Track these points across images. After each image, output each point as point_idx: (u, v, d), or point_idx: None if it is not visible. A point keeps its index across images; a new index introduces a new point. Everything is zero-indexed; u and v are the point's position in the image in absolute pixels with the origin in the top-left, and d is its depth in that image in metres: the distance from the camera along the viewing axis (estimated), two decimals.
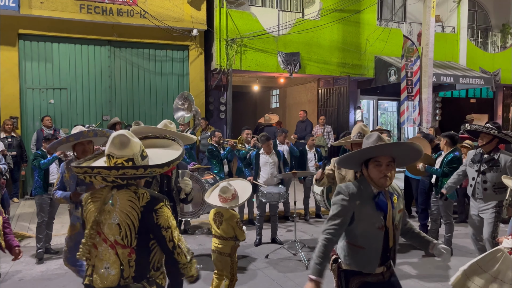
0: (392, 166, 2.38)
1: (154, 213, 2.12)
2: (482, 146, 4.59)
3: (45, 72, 9.60)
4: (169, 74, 10.68)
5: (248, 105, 18.75)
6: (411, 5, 13.18)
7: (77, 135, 3.81)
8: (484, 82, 12.32)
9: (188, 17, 10.29)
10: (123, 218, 2.11)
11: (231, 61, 10.67)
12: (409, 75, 11.05)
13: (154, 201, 2.14)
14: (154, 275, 2.19)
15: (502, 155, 4.50)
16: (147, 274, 2.15)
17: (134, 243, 2.11)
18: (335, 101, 12.19)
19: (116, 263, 2.11)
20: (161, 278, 2.24)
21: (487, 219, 4.61)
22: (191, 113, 8.28)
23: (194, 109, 8.30)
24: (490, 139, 4.52)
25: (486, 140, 4.53)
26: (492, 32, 15.16)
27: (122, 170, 2.07)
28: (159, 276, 2.22)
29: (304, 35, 11.27)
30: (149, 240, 2.15)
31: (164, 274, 2.26)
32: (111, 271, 2.12)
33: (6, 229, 3.14)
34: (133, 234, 2.10)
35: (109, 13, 9.63)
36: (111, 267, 2.12)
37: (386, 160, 2.37)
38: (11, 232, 3.24)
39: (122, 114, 10.10)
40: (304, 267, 5.32)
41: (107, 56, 10.07)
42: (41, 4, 9.10)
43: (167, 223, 2.14)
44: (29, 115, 9.46)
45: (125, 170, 2.07)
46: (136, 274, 2.12)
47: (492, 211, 4.57)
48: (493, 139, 4.52)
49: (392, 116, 14.63)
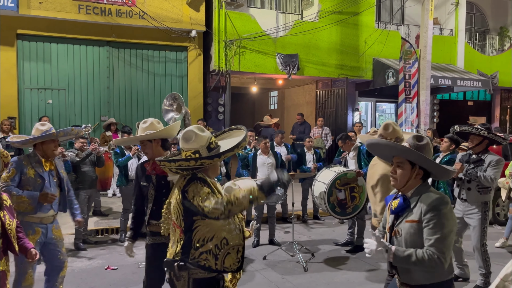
0: (401, 168, 2.33)
1: (186, 193, 2.39)
2: (472, 148, 4.61)
3: (44, 73, 9.59)
4: (167, 75, 10.68)
5: (247, 106, 18.77)
6: (410, 8, 13.23)
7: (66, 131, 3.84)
8: (481, 85, 12.36)
9: (186, 18, 10.30)
10: (175, 202, 2.46)
11: (229, 63, 10.68)
12: (407, 77, 11.08)
13: (186, 184, 2.41)
14: (194, 254, 2.39)
15: (489, 155, 4.52)
16: (189, 254, 2.41)
17: (182, 224, 2.42)
18: (333, 103, 12.21)
19: (175, 240, 2.50)
20: (203, 259, 2.40)
21: (474, 225, 4.56)
22: (181, 114, 8.27)
23: (184, 110, 8.29)
24: (480, 141, 4.54)
25: (476, 142, 4.56)
26: (490, 35, 15.22)
27: (178, 162, 2.42)
28: (200, 257, 2.39)
29: (302, 37, 11.29)
30: (192, 222, 2.40)
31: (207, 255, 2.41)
32: (173, 246, 2.51)
33: (19, 233, 3.11)
34: (181, 216, 2.42)
35: (108, 14, 9.63)
36: (173, 243, 2.52)
37: (396, 160, 2.37)
38: (24, 235, 3.14)
39: (120, 115, 10.10)
40: (302, 269, 5.32)
41: (106, 57, 10.06)
42: (40, 4, 9.09)
43: (192, 193, 2.37)
44: (27, 115, 9.44)
45: (180, 162, 2.42)
46: (182, 251, 2.41)
47: (478, 215, 4.52)
48: (483, 141, 4.54)
49: (390, 118, 14.67)
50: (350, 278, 5.07)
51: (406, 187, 2.33)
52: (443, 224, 2.16)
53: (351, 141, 6.44)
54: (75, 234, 6.12)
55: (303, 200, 7.79)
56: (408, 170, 2.32)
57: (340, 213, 5.83)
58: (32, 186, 3.63)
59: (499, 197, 7.09)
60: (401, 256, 2.14)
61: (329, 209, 5.76)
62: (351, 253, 5.98)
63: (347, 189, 5.80)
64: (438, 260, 2.12)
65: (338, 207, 5.78)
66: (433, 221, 2.16)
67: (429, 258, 2.11)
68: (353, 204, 5.81)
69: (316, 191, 6.03)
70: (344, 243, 6.31)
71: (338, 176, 5.77)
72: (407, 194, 2.33)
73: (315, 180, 6.16)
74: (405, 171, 2.32)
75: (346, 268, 5.41)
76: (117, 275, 5.19)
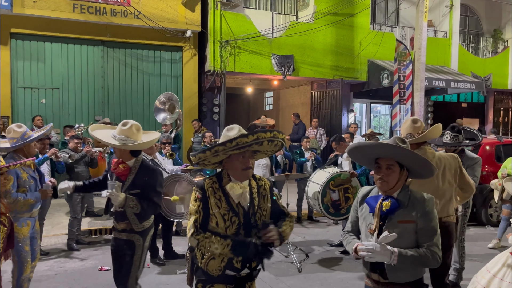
0: (392, 170, 2.32)
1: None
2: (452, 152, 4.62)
3: (37, 72, 9.53)
4: (162, 75, 10.65)
5: (242, 107, 18.76)
6: (404, 10, 13.29)
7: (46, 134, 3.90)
8: (475, 87, 12.45)
9: (182, 18, 10.28)
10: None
11: (224, 63, 10.67)
12: (402, 79, 11.13)
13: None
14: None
15: (466, 154, 4.55)
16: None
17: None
18: (328, 104, 12.24)
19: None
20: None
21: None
22: (174, 114, 8.25)
23: (177, 111, 8.27)
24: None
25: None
26: (484, 38, 15.33)
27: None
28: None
29: (298, 38, 11.30)
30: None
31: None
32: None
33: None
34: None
35: (103, 13, 9.59)
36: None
37: (385, 162, 2.34)
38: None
39: (114, 115, 10.05)
40: (296, 269, 5.32)
41: (100, 57, 10.02)
42: (34, 3, 9.04)
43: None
44: (20, 115, 9.37)
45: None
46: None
47: (459, 212, 4.55)
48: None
49: (385, 119, 14.72)
50: (344, 279, 5.08)
51: (394, 188, 2.36)
52: (437, 224, 2.31)
53: (345, 142, 6.46)
54: (68, 234, 6.09)
55: (298, 200, 7.80)
56: (397, 172, 2.34)
57: (334, 214, 5.84)
58: (27, 187, 3.72)
59: (492, 198, 7.14)
60: (405, 256, 2.20)
61: (323, 210, 5.77)
62: (345, 254, 5.99)
63: (341, 190, 5.82)
64: (438, 258, 2.26)
65: (332, 208, 5.80)
66: (430, 222, 2.29)
67: (432, 256, 2.24)
68: (347, 205, 5.83)
69: (310, 191, 6.04)
70: (338, 244, 6.32)
71: (332, 176, 5.78)
72: (394, 195, 2.36)
73: (309, 180, 6.17)
74: (396, 173, 2.34)
75: (340, 269, 5.42)
76: (110, 275, 5.11)
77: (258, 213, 2.38)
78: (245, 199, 2.34)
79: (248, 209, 2.36)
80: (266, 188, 2.49)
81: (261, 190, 2.46)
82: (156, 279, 5.03)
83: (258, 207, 2.39)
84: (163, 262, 5.52)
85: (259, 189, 2.45)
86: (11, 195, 3.56)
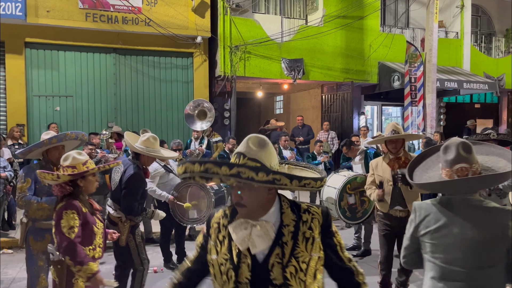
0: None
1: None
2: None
3: (51, 80, 9.70)
4: (173, 81, 10.75)
5: (252, 111, 18.80)
6: (414, 11, 13.22)
7: (59, 137, 3.77)
8: (488, 87, 12.30)
9: (192, 25, 10.38)
10: None
11: (235, 68, 10.73)
12: (413, 80, 11.06)
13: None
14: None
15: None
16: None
17: None
18: (339, 107, 12.21)
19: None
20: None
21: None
22: (207, 121, 8.28)
23: (210, 115, 8.28)
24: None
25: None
26: (496, 37, 15.15)
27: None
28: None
29: (307, 41, 11.32)
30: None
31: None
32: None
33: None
34: None
35: (115, 22, 9.73)
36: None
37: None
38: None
39: (127, 121, 10.18)
40: None
41: (113, 64, 10.16)
42: (47, 13, 9.21)
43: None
44: (35, 122, 9.55)
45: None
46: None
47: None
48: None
49: (396, 121, 14.61)
50: None
51: None
52: None
53: (356, 146, 6.44)
54: None
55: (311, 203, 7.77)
56: None
57: (351, 218, 5.83)
58: (46, 194, 3.67)
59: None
60: None
61: (340, 214, 5.74)
62: (359, 257, 5.96)
63: (357, 193, 5.79)
64: None
65: (349, 212, 5.78)
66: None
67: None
68: (363, 208, 5.81)
69: (325, 196, 6.02)
70: (351, 247, 6.30)
71: (349, 180, 5.76)
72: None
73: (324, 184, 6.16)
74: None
75: None
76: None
77: (290, 267, 1.58)
78: (253, 244, 1.55)
79: (265, 259, 1.57)
80: (314, 224, 1.63)
81: (303, 228, 1.61)
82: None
83: (290, 257, 1.59)
84: (177, 267, 5.55)
85: (298, 227, 1.61)
86: (25, 197, 3.55)
